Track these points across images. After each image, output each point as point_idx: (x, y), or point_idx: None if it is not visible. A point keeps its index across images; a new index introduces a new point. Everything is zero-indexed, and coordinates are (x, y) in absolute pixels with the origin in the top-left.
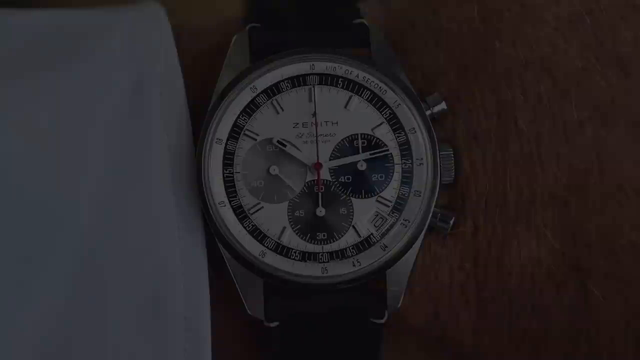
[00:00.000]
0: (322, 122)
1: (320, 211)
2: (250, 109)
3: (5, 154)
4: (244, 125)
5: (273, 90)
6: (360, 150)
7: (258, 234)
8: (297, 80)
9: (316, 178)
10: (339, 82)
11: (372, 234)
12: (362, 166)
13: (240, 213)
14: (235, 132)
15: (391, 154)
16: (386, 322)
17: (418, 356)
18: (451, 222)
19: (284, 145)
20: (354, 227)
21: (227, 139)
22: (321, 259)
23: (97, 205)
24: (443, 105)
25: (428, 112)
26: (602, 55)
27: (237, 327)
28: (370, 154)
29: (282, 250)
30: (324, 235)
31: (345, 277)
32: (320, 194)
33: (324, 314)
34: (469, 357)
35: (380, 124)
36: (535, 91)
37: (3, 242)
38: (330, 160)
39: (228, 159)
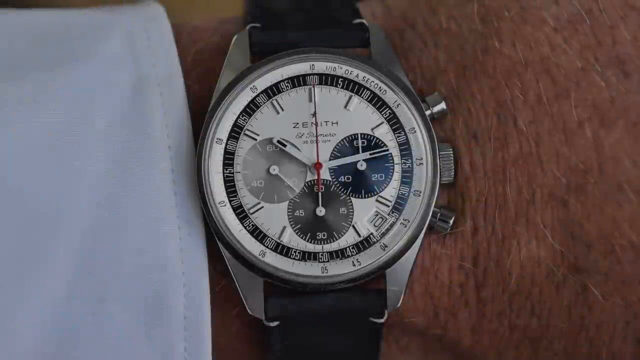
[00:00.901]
0: (322, 122)
1: (320, 211)
2: (250, 109)
3: (5, 153)
4: (244, 125)
5: (273, 90)
6: (360, 150)
7: (258, 234)
8: (297, 80)
9: (316, 178)
10: (339, 82)
11: (372, 233)
12: (362, 166)
13: (240, 213)
14: (235, 132)
15: (391, 153)
16: (386, 321)
17: (418, 356)
18: (451, 222)
19: (284, 145)
20: (353, 226)
21: (227, 139)
22: (321, 258)
23: (96, 205)
24: (443, 105)
25: (428, 112)
26: (601, 56)
27: (237, 327)
28: (370, 154)
29: (282, 249)
30: (324, 235)
31: (345, 276)
32: (320, 193)
33: (324, 314)
34: (468, 357)
35: (380, 124)
36: (535, 91)
37: (2, 242)
38: (330, 160)
39: (228, 159)
